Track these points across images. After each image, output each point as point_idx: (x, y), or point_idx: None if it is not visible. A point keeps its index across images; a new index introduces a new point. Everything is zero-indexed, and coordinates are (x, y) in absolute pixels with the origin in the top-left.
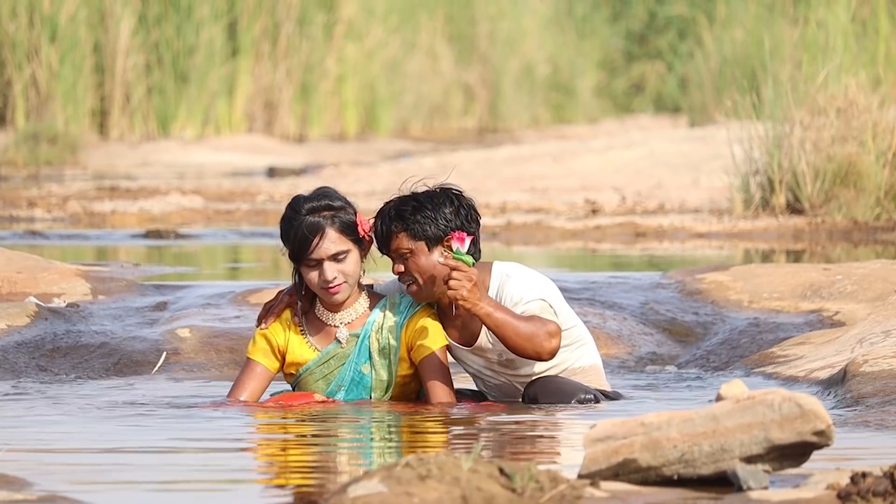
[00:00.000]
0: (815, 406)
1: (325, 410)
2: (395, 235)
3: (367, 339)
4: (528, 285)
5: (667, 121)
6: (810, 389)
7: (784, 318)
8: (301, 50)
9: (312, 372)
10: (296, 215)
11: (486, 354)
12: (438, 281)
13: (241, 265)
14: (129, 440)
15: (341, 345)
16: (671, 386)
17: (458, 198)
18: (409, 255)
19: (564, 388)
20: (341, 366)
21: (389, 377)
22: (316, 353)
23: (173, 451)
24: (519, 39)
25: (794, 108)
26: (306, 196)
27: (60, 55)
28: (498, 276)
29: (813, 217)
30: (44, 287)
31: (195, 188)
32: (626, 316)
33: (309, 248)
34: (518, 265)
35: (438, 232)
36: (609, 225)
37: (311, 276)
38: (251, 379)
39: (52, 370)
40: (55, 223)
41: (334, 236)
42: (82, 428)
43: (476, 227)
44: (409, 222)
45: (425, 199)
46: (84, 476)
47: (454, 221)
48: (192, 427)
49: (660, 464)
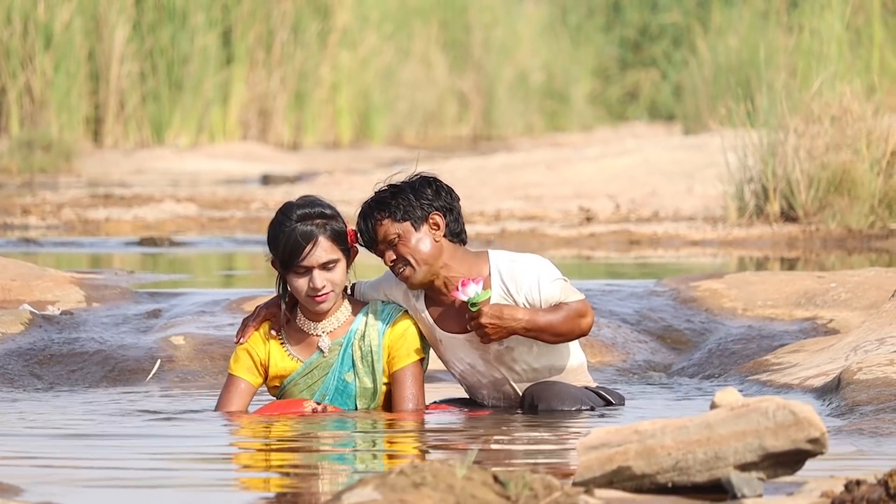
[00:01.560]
0: (809, 414)
1: (317, 419)
2: (380, 223)
3: (350, 346)
4: (542, 266)
5: (661, 128)
6: (805, 397)
7: (778, 325)
8: (295, 58)
9: (296, 383)
10: (287, 221)
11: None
12: (431, 261)
13: (235, 272)
14: (123, 448)
15: (324, 354)
16: (665, 394)
17: (436, 181)
18: (397, 240)
19: (563, 395)
20: (325, 375)
21: (374, 385)
22: (299, 364)
23: (167, 459)
24: (513, 47)
25: (788, 116)
26: (298, 203)
27: (55, 63)
28: (497, 264)
29: (807, 225)
30: (38, 294)
31: (189, 196)
32: (621, 323)
33: (300, 255)
34: (509, 252)
35: (421, 211)
36: (603, 233)
37: (300, 283)
38: (235, 395)
39: (46, 378)
40: (49, 231)
41: (326, 245)
42: (77, 436)
43: (458, 206)
44: (391, 207)
45: (403, 185)
46: (79, 484)
47: (436, 201)
48: (184, 437)
49: (654, 471)
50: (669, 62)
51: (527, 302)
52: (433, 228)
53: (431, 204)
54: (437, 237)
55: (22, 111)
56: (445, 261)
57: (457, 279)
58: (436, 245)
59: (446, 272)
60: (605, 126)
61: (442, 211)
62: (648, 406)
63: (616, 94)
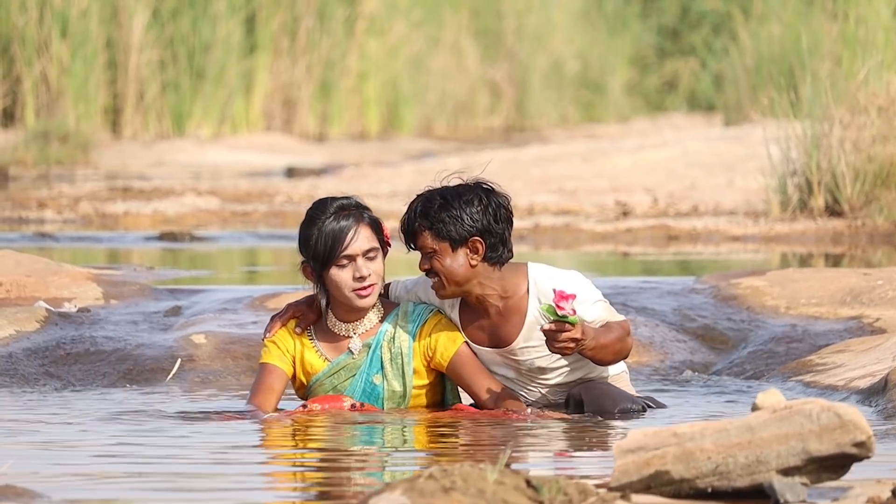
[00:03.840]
0: (855, 416)
1: (357, 417)
2: (420, 233)
3: (379, 348)
4: (582, 287)
5: (700, 119)
6: (850, 399)
7: (823, 324)
8: (321, 46)
9: (322, 383)
10: (321, 216)
11: (517, 358)
12: (462, 283)
13: (258, 269)
14: (146, 450)
15: (353, 355)
16: (705, 395)
17: (489, 194)
18: (433, 254)
19: (610, 395)
20: (351, 377)
21: (403, 388)
22: (326, 364)
23: (191, 461)
24: (547, 35)
25: (833, 107)
26: (330, 198)
27: (72, 51)
28: (536, 281)
29: (853, 220)
30: (54, 291)
31: (211, 189)
32: (659, 322)
33: (343, 242)
34: (553, 267)
35: (463, 233)
36: (640, 227)
37: (342, 276)
38: (270, 380)
39: (63, 377)
40: (66, 225)
41: (367, 233)
42: (95, 438)
43: (505, 227)
44: (434, 221)
45: (452, 197)
46: (98, 488)
47: (480, 221)
48: (211, 435)
49: (693, 476)
50: (709, 50)
51: None
52: (472, 252)
53: (475, 226)
54: (473, 261)
55: (38, 101)
56: (480, 280)
57: (493, 296)
58: (470, 269)
59: (480, 290)
60: (643, 117)
61: (484, 235)
62: (687, 408)
63: (654, 83)
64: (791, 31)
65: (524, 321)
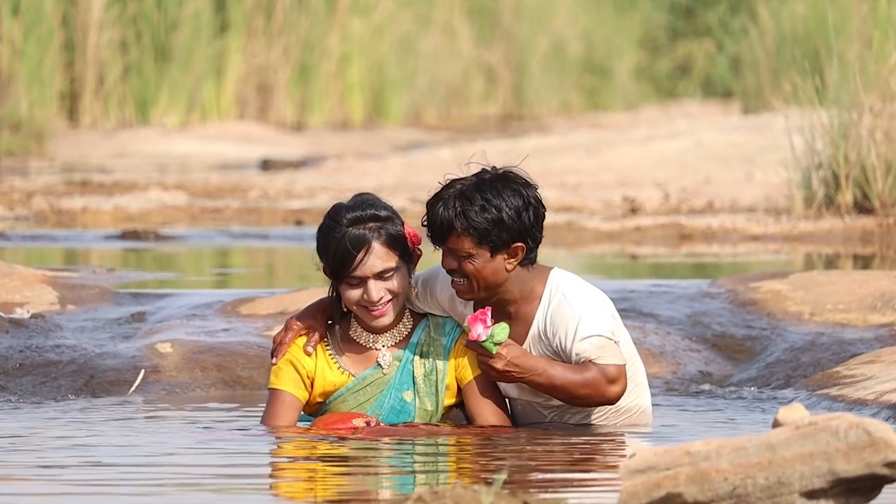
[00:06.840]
0: (886, 433)
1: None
2: (458, 236)
3: (411, 362)
4: (586, 315)
5: (716, 107)
6: (881, 414)
7: (851, 332)
8: (299, 25)
9: (345, 399)
10: (336, 226)
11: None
12: (494, 287)
13: (230, 270)
14: (162, 467)
15: (382, 370)
16: (721, 409)
17: (528, 190)
18: (466, 256)
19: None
20: (379, 393)
21: (434, 407)
22: (350, 379)
23: (196, 480)
24: (548, 14)
25: (862, 93)
26: (348, 205)
27: (24, 30)
28: (551, 292)
29: (884, 217)
30: (4, 295)
31: (178, 183)
32: (670, 330)
33: (352, 265)
34: (576, 280)
35: (507, 238)
36: (650, 226)
37: (352, 294)
38: (282, 409)
39: (13, 390)
40: (18, 222)
41: (381, 251)
42: (46, 458)
43: (542, 226)
44: (476, 224)
45: (493, 195)
46: None
47: (524, 224)
48: (224, 454)
49: (708, 499)
50: (726, 31)
51: (559, 349)
52: (510, 256)
53: (519, 231)
54: (509, 265)
55: None
56: (508, 282)
57: (511, 299)
58: (505, 273)
59: (503, 292)
60: (653, 104)
61: (526, 240)
62: (701, 424)
63: (665, 67)
64: (816, 9)
65: (528, 332)
